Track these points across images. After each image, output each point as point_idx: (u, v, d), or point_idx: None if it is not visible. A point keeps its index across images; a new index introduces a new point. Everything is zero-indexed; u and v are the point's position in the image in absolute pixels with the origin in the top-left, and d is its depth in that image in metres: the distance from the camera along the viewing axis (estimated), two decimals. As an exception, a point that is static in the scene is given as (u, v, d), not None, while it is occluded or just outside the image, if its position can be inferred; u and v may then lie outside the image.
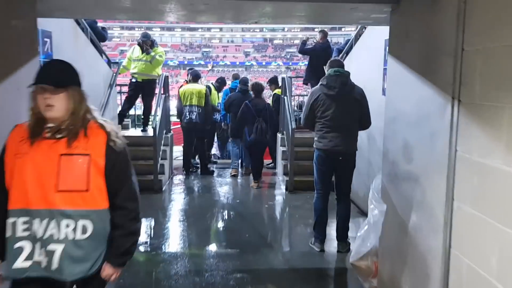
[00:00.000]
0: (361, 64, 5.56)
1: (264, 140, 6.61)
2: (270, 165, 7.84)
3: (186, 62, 65.07)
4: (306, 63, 8.16)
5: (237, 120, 6.71)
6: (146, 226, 4.85)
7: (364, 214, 4.83)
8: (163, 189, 6.34)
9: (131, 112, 7.91)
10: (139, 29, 68.73)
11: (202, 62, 65.36)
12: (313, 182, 4.18)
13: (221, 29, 70.35)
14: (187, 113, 6.97)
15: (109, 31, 7.38)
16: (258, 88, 6.75)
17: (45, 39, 4.26)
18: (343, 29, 60.59)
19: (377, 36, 4.77)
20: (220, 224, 5.33)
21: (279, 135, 7.39)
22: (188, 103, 6.97)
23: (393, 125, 2.93)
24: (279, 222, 5.57)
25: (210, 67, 65.12)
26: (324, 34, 7.62)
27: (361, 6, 3.01)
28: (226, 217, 5.56)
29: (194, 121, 7.00)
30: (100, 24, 6.91)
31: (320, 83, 3.95)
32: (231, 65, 67.29)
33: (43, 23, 3.97)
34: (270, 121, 6.70)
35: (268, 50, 67.68)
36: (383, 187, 3.03)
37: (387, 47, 3.22)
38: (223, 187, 6.79)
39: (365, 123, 3.98)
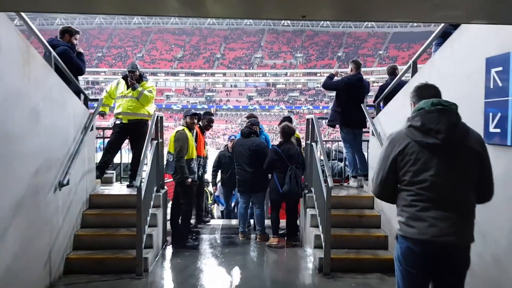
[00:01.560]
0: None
1: (299, 191, 5.58)
2: (283, 232, 5.94)
3: (189, 106, 64.51)
4: (309, 107, 6.93)
5: (264, 168, 5.77)
6: None
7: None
8: (149, 270, 4.56)
9: (119, 160, 6.38)
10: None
11: (206, 106, 64.82)
12: (357, 262, 2.47)
13: (224, 74, 70.38)
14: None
15: (111, 76, 5.92)
16: (290, 131, 5.79)
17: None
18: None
19: (468, 53, 3.22)
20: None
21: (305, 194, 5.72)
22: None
23: None
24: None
25: (213, 111, 64.51)
26: (356, 65, 6.21)
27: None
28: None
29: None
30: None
31: (408, 123, 2.29)
32: (234, 109, 66.60)
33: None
34: (302, 170, 5.82)
35: (271, 94, 67.22)
36: None
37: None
38: (233, 266, 4.96)
39: (486, 191, 2.26)
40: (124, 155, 6.59)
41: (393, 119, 4.98)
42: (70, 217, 4.59)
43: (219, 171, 7.21)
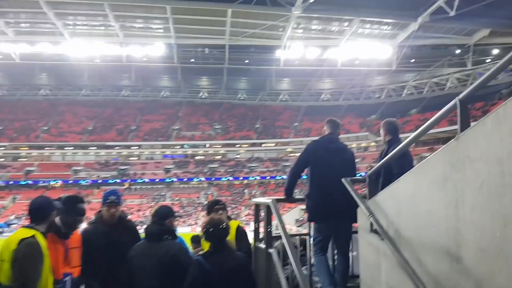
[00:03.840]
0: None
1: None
2: None
3: (100, 181, 60.23)
4: (229, 178, 5.03)
5: None
6: None
7: None
8: None
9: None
10: (50, 148, 63.90)
11: (118, 181, 60.91)
12: None
13: (139, 146, 67.74)
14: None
15: (12, 150, 3.90)
16: (220, 234, 3.28)
17: None
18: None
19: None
20: None
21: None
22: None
23: None
24: None
25: (127, 185, 60.88)
26: (331, 124, 4.41)
27: None
28: None
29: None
30: None
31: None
32: (150, 182, 63.36)
33: None
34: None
35: (189, 166, 65.52)
36: None
37: None
38: None
39: None
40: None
41: (411, 205, 2.92)
42: None
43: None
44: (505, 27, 35.11)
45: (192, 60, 55.79)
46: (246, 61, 54.61)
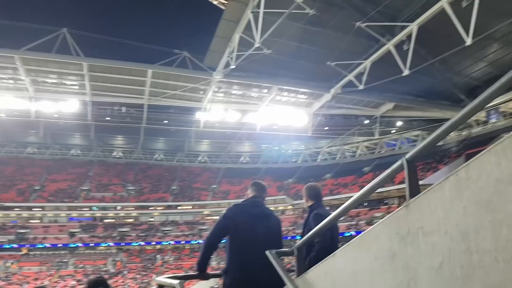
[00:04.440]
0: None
1: None
2: None
3: (-9, 247, 53.39)
4: (141, 242, 4.36)
5: None
6: None
7: None
8: None
9: None
10: None
11: (16, 245, 54.43)
12: None
13: (43, 207, 61.85)
14: None
15: None
16: None
17: None
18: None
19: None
20: None
21: None
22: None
23: None
24: None
25: (25, 251, 54.73)
26: (255, 187, 3.93)
27: None
28: None
29: None
30: None
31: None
32: (52, 247, 57.29)
33: None
34: None
35: (97, 229, 60.72)
36: None
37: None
38: None
39: None
40: None
41: (351, 286, 2.42)
42: None
43: None
44: (407, 102, 38.69)
45: (108, 118, 53.70)
46: (165, 121, 53.82)
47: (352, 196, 2.44)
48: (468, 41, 22.20)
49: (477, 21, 21.22)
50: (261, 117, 46.60)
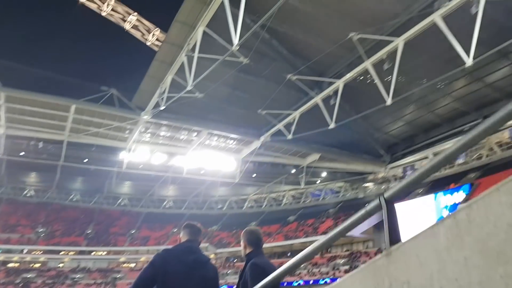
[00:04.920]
0: None
1: None
2: None
3: None
4: None
5: None
6: None
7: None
8: None
9: None
10: None
11: None
12: None
13: None
14: None
15: None
16: None
17: None
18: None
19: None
20: None
21: None
22: None
23: None
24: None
25: None
26: (189, 229, 3.50)
27: None
28: None
29: None
30: None
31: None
32: None
33: None
34: None
35: (-3, 276, 54.22)
36: None
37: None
38: None
39: None
40: None
41: None
42: None
43: None
44: (332, 154, 40.22)
45: (22, 153, 49.49)
46: (85, 160, 50.71)
47: (277, 245, 2.08)
48: (389, 101, 23.77)
49: (397, 83, 22.91)
50: (189, 161, 45.69)
